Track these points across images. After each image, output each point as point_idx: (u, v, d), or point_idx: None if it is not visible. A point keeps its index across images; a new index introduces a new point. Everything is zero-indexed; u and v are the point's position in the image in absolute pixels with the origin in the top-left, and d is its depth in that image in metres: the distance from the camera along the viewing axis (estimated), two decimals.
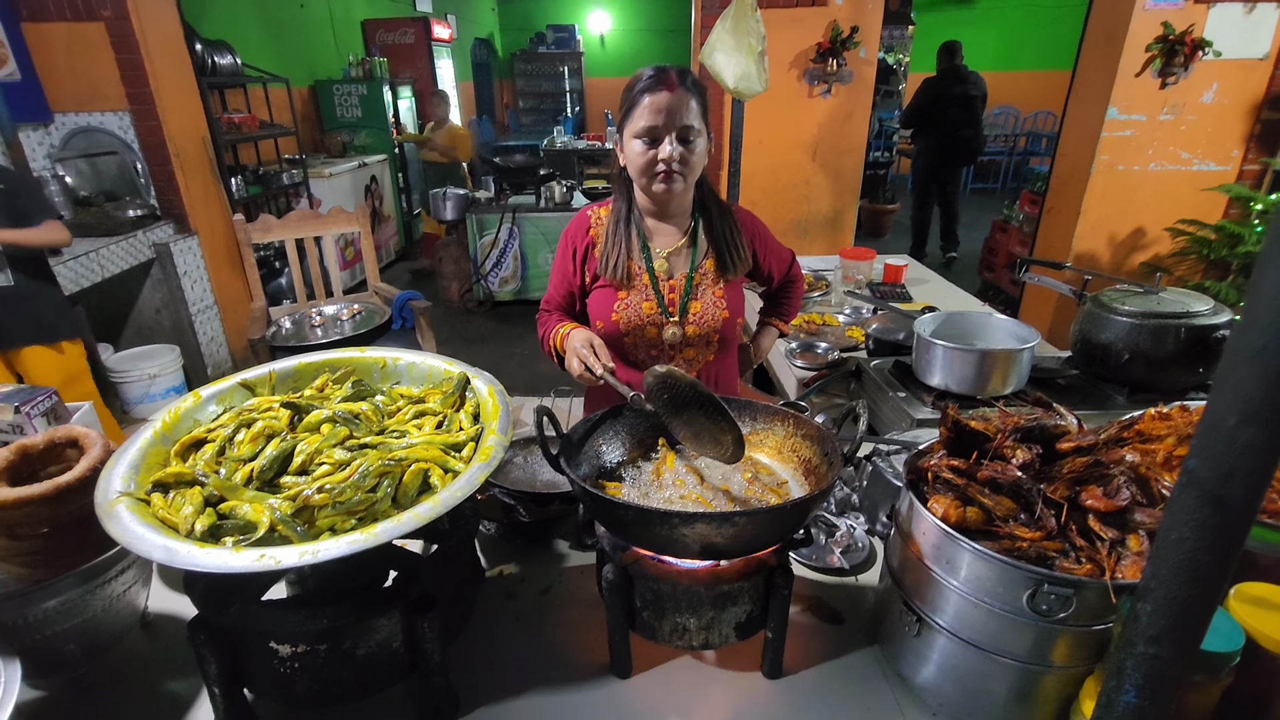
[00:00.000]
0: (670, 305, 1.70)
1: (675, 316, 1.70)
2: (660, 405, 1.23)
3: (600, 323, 1.71)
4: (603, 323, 1.71)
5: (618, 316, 1.69)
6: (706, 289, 1.71)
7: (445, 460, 1.09)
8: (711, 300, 1.71)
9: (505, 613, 1.36)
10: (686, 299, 1.70)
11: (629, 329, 1.69)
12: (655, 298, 1.69)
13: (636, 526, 0.98)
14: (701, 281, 1.71)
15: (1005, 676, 1.04)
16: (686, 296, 1.70)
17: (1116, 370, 1.79)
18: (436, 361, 1.36)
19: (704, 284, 1.71)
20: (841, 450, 1.13)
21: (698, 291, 1.71)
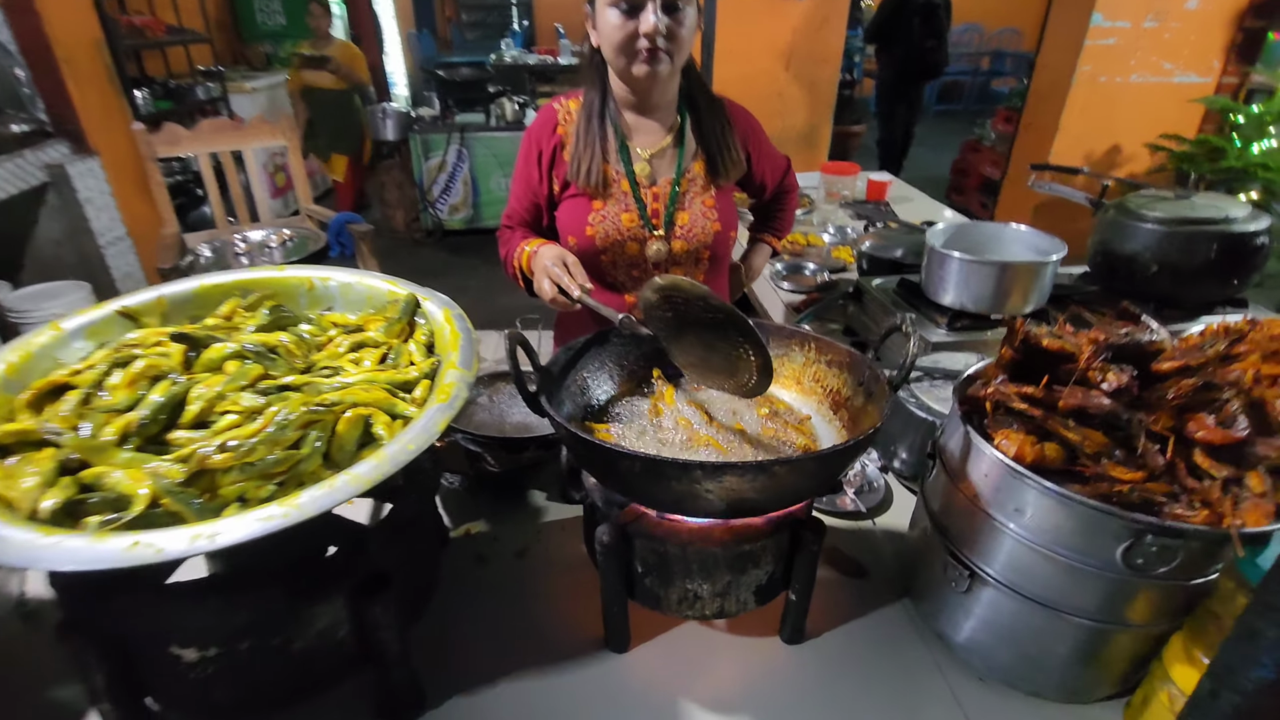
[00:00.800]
0: (654, 217, 1.45)
1: (660, 230, 1.45)
2: (660, 327, 1.00)
3: (573, 239, 1.45)
4: (575, 239, 1.45)
5: (593, 231, 1.43)
6: (695, 197, 1.46)
7: (392, 403, 0.85)
8: (701, 211, 1.46)
9: (475, 582, 1.15)
10: (673, 209, 1.45)
11: (606, 245, 1.44)
12: (636, 208, 1.43)
13: (645, 481, 0.77)
14: (689, 189, 1.46)
15: (1071, 636, 0.89)
16: (673, 206, 1.45)
17: (1142, 284, 1.63)
18: (377, 282, 1.09)
19: (692, 191, 1.46)
20: (884, 376, 0.93)
21: (685, 200, 1.46)
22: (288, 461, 0.74)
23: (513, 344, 0.87)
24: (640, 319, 1.04)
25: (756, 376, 0.89)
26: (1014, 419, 0.90)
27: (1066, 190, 1.88)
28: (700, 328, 0.92)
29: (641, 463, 0.74)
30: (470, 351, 0.93)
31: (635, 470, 0.76)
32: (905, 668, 1.03)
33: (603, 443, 0.76)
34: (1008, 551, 0.89)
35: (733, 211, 1.53)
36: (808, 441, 0.97)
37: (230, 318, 1.02)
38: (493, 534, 1.25)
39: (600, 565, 0.93)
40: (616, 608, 0.97)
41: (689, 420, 1.01)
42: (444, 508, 1.29)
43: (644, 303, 0.98)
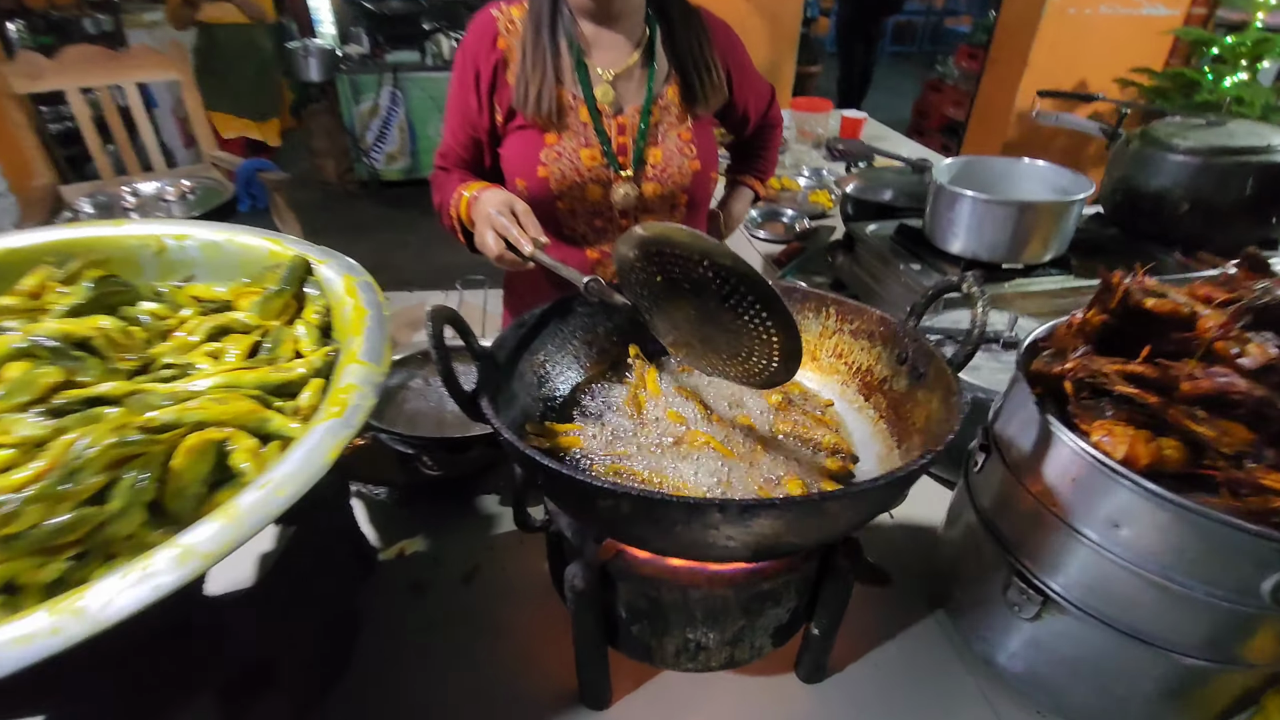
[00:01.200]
0: (620, 153, 1.18)
1: (628, 169, 1.18)
2: (642, 293, 0.75)
3: (522, 182, 1.17)
4: (525, 182, 1.17)
5: (546, 172, 1.15)
6: (670, 129, 1.20)
7: (261, 419, 0.59)
8: (677, 146, 1.20)
9: (410, 620, 0.91)
10: (643, 144, 1.18)
11: (563, 189, 1.17)
12: (598, 142, 1.16)
13: (639, 524, 0.53)
14: (662, 118, 1.19)
15: (1167, 674, 0.71)
16: (643, 140, 1.18)
17: (1169, 225, 1.44)
18: (255, 240, 0.81)
19: (666, 122, 1.19)
20: (935, 351, 0.71)
21: (658, 133, 1.19)
22: (84, 524, 0.48)
23: (437, 326, 0.61)
24: (613, 281, 0.79)
25: (779, 362, 0.66)
26: (1107, 403, 0.69)
27: (1076, 120, 1.67)
28: (698, 295, 0.68)
29: (632, 502, 0.50)
30: (381, 336, 0.67)
31: (623, 511, 0.52)
32: (947, 702, 0.84)
33: (573, 473, 0.51)
34: (1095, 573, 0.69)
35: (713, 147, 1.27)
36: (837, 439, 0.74)
37: (39, 294, 0.73)
38: (432, 554, 1.00)
39: (573, 613, 0.70)
40: (593, 660, 0.75)
41: (680, 414, 0.77)
42: (368, 520, 1.04)
43: (620, 261, 0.72)
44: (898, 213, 1.79)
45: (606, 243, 1.26)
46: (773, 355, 0.65)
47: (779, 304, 0.61)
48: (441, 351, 0.61)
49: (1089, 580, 0.70)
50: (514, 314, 1.45)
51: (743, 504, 0.48)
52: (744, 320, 0.65)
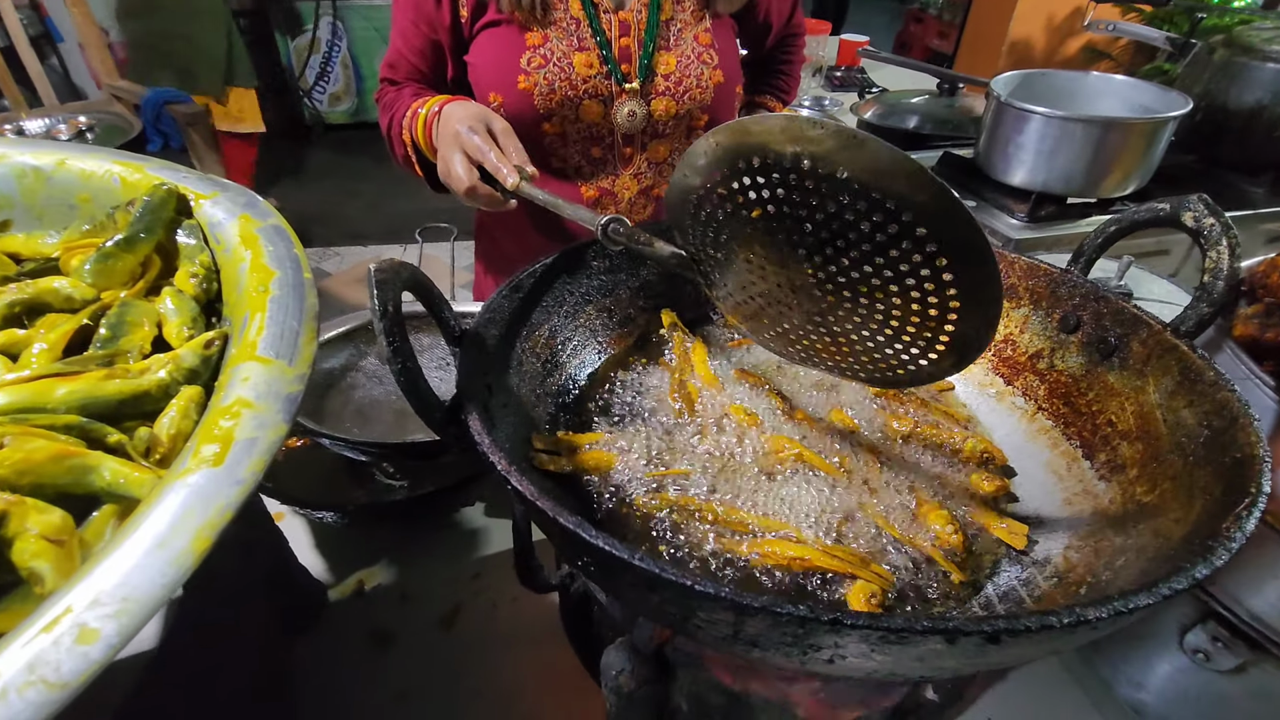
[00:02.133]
0: (623, 59, 0.91)
1: (633, 81, 0.91)
2: (710, 238, 0.50)
3: (497, 97, 0.90)
4: (502, 97, 0.90)
5: (529, 83, 0.88)
6: (685, 30, 0.93)
7: (81, 468, 0.33)
8: (694, 50, 0.93)
9: (373, 686, 0.67)
10: (651, 47, 0.91)
11: (550, 107, 0.90)
12: (595, 44, 0.89)
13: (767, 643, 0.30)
14: (675, 15, 0.92)
15: None
16: (651, 43, 0.91)
17: (1261, 149, 1.23)
18: (100, 162, 0.53)
19: (680, 20, 0.93)
20: (1142, 314, 0.48)
21: (670, 33, 0.92)
22: None
23: (387, 297, 0.36)
24: (654, 222, 0.53)
25: (944, 349, 0.41)
26: None
27: (1139, 29, 1.44)
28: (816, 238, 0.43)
29: (761, 618, 0.27)
30: (298, 312, 0.41)
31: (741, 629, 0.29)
32: None
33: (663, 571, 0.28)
34: None
35: (736, 55, 1.01)
36: (983, 443, 0.51)
37: None
38: (399, 588, 0.76)
39: (612, 714, 0.47)
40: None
41: (750, 412, 0.53)
42: (313, 547, 0.79)
43: (682, 191, 0.47)
44: (928, 141, 1.55)
45: (605, 177, 0.99)
46: (936, 337, 0.41)
47: (986, 257, 0.36)
48: (397, 344, 0.35)
49: None
50: (491, 271, 1.18)
51: (991, 630, 0.25)
52: (903, 281, 0.40)
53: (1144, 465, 0.44)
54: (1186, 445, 0.41)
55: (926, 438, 0.52)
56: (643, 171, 1.00)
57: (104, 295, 0.44)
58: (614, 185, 1.00)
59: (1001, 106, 1.16)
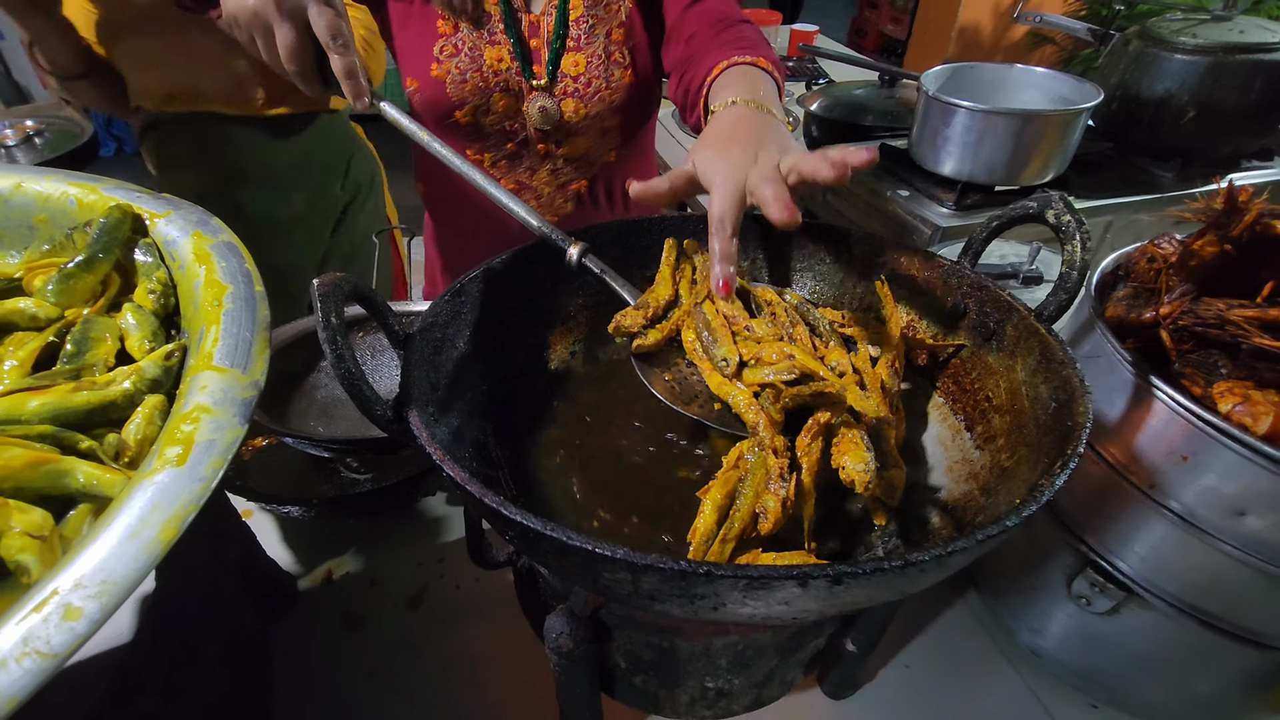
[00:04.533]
0: (535, 55, 0.93)
1: (542, 79, 0.93)
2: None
3: (413, 82, 0.92)
4: (417, 82, 0.92)
5: (441, 71, 0.90)
6: (598, 25, 0.93)
7: (57, 472, 0.37)
8: (604, 51, 0.93)
9: (343, 660, 0.72)
10: (559, 48, 0.92)
11: (462, 96, 0.92)
12: (507, 38, 0.91)
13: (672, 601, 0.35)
14: (588, 13, 0.92)
15: (1256, 667, 0.60)
16: (558, 44, 0.92)
17: (1169, 136, 1.32)
18: (55, 184, 0.56)
19: (593, 16, 0.92)
20: (1015, 302, 0.54)
21: (579, 33, 0.93)
22: None
23: (329, 309, 0.40)
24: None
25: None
26: (1218, 357, 0.55)
27: (1064, 21, 1.51)
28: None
29: (657, 578, 0.32)
30: (250, 324, 0.45)
31: (643, 588, 0.34)
32: (992, 701, 0.73)
33: (563, 535, 0.33)
34: (1203, 567, 0.57)
35: (652, 48, 0.98)
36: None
37: None
38: (368, 575, 0.81)
39: (557, 675, 0.53)
40: (583, 717, 0.59)
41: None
42: (281, 541, 0.84)
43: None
44: (869, 132, 1.61)
45: (522, 171, 1.01)
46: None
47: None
48: (340, 350, 0.40)
49: (1190, 575, 0.57)
50: (445, 260, 1.21)
51: (835, 574, 0.31)
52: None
53: (1009, 435, 0.50)
54: (1040, 416, 0.47)
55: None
56: (560, 168, 1.01)
57: (67, 313, 0.47)
58: (531, 179, 1.01)
59: (930, 101, 1.23)
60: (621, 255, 0.65)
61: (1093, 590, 0.63)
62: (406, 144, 0.68)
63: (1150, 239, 0.65)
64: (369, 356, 0.91)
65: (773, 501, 0.43)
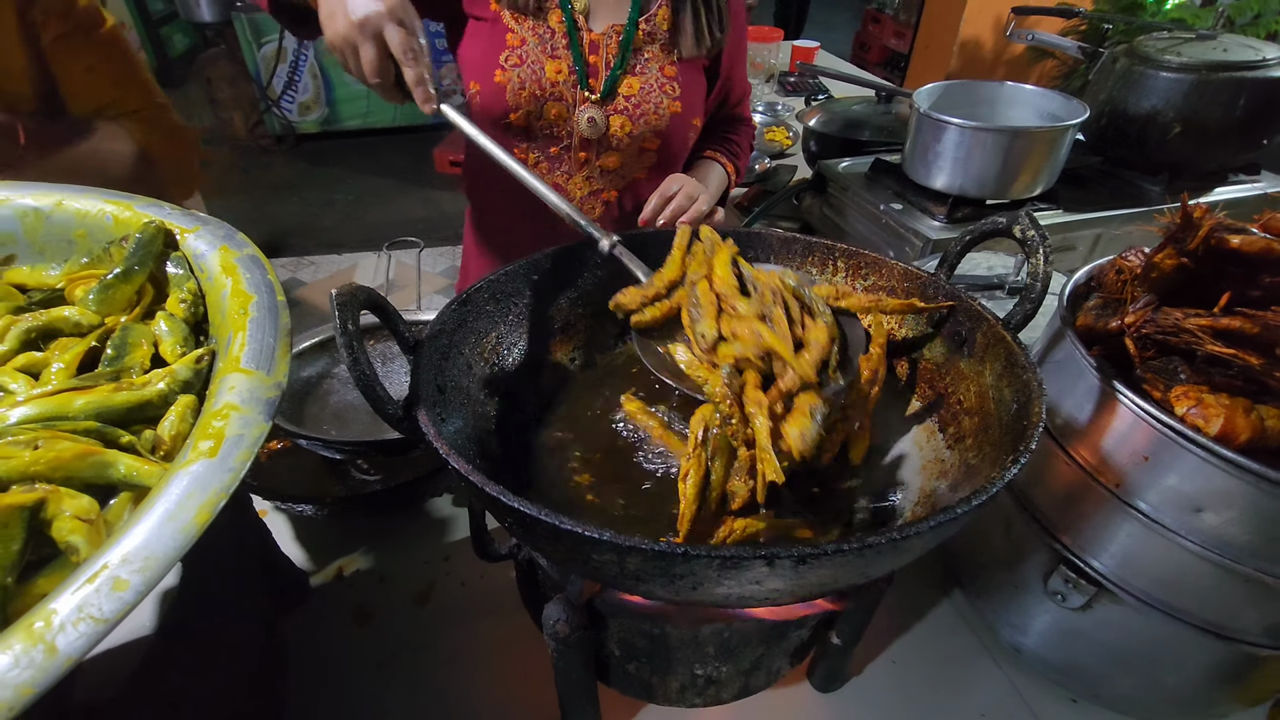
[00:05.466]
0: (592, 70, 1.00)
1: (595, 94, 1.00)
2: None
3: (476, 85, 1.00)
4: (480, 85, 0.99)
5: (504, 78, 0.97)
6: (652, 61, 1.02)
7: (100, 463, 0.41)
8: (657, 80, 1.02)
9: (355, 654, 0.76)
10: (619, 70, 1.00)
11: (519, 101, 0.99)
12: (569, 54, 0.98)
13: (654, 581, 0.39)
14: (645, 45, 1.01)
15: (1222, 659, 0.63)
16: (620, 66, 1.00)
17: (1156, 150, 1.35)
18: (93, 202, 0.61)
19: (649, 51, 1.01)
20: (985, 311, 0.58)
21: (638, 60, 1.01)
22: None
23: (346, 316, 0.44)
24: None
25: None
26: (1178, 364, 0.58)
27: (1054, 39, 1.55)
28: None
29: (644, 557, 0.36)
30: (272, 331, 0.49)
31: (628, 569, 0.38)
32: (975, 695, 0.75)
33: (556, 520, 0.37)
34: (1166, 562, 0.60)
35: (700, 95, 1.08)
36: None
37: None
38: (378, 572, 0.85)
39: (555, 661, 0.56)
40: (581, 705, 0.62)
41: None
42: (294, 539, 0.87)
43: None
44: (866, 147, 1.66)
45: (560, 174, 1.08)
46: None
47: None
48: (356, 354, 0.44)
49: (1155, 569, 0.60)
50: (483, 249, 1.26)
51: (799, 554, 0.35)
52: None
53: (976, 435, 0.53)
54: (1004, 417, 0.50)
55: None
56: (594, 176, 1.09)
57: (107, 320, 0.52)
58: (567, 183, 1.09)
59: (922, 118, 1.27)
60: (642, 259, 0.69)
61: (1067, 587, 0.66)
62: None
63: (1119, 252, 0.68)
64: (380, 363, 0.95)
65: (741, 489, 0.47)
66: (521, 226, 1.15)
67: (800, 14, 6.54)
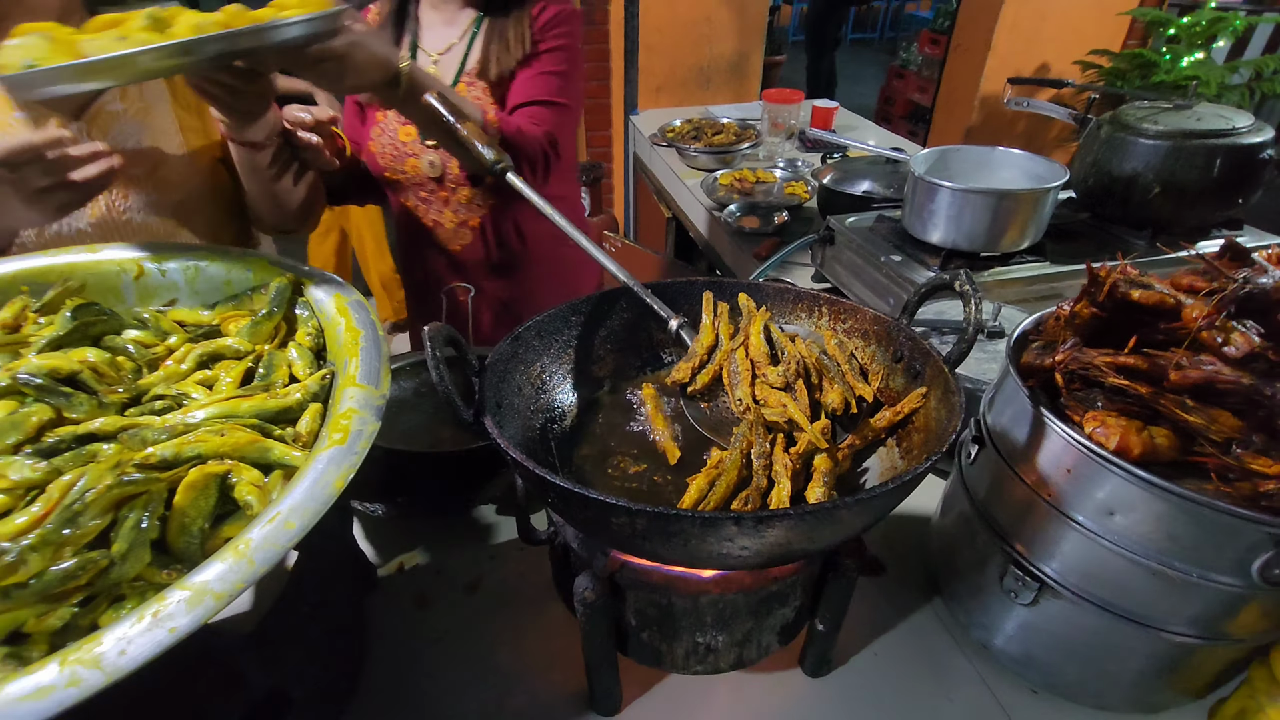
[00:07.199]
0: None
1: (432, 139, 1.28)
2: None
3: (363, 155, 1.34)
4: (365, 156, 1.34)
5: (376, 147, 1.32)
6: (480, 100, 1.28)
7: (263, 449, 0.58)
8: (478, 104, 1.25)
9: (416, 632, 0.90)
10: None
11: (388, 163, 1.32)
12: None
13: (654, 539, 0.53)
14: (469, 92, 1.28)
15: (1159, 651, 0.73)
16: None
17: (1139, 209, 1.48)
18: (238, 260, 0.79)
19: (471, 94, 1.28)
20: (934, 351, 0.72)
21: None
22: (89, 570, 0.47)
23: (436, 347, 0.60)
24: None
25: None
26: (1097, 394, 0.71)
27: (1047, 107, 1.70)
28: None
29: (646, 518, 0.51)
30: (378, 357, 0.66)
31: (637, 528, 0.52)
32: (947, 687, 0.86)
33: (584, 491, 0.51)
34: (1090, 559, 0.71)
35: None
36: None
37: (17, 327, 0.70)
38: (434, 566, 1.00)
39: (582, 625, 0.70)
40: (604, 668, 0.75)
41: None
42: (365, 537, 1.03)
43: None
44: (874, 203, 1.81)
45: (434, 213, 1.38)
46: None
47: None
48: (441, 374, 0.60)
49: (1084, 566, 0.72)
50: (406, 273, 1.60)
51: (757, 516, 0.49)
52: None
53: (921, 448, 0.67)
54: (939, 432, 0.64)
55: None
56: (458, 208, 1.37)
57: (257, 348, 0.69)
58: (440, 216, 1.38)
59: (917, 180, 1.42)
60: (669, 303, 0.85)
61: (1018, 584, 0.78)
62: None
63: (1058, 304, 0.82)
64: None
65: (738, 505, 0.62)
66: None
67: (830, 77, 6.77)
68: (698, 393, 0.79)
